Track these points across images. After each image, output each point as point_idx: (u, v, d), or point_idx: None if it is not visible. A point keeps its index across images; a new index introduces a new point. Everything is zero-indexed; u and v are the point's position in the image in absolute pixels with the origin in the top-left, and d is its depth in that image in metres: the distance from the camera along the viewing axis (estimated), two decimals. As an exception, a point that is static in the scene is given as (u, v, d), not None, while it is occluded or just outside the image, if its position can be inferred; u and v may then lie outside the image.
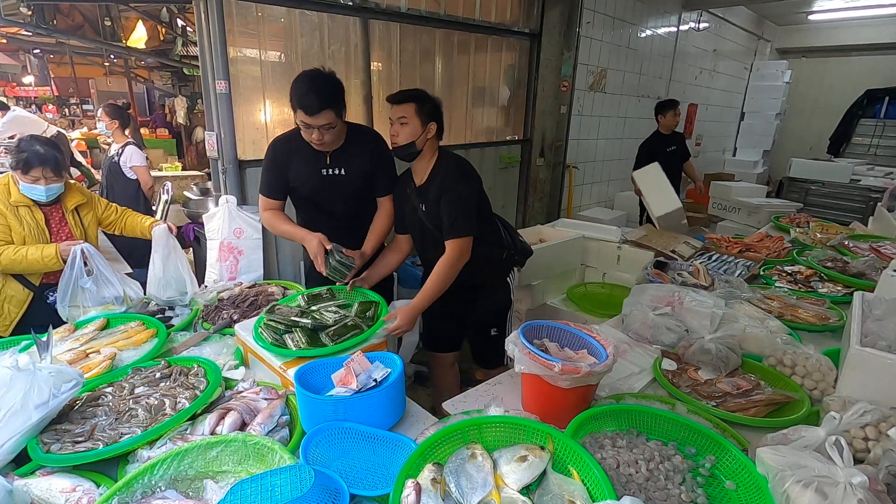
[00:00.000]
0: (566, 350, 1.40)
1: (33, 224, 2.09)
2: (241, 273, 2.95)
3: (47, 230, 2.13)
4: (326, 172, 1.98)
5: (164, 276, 2.04)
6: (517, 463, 1.02)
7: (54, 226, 2.17)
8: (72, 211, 2.20)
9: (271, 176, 2.02)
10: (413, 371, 3.39)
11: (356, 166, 2.00)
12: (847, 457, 0.95)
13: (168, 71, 9.43)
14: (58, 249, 2.02)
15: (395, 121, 1.87)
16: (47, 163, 2.03)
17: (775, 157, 8.88)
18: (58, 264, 2.03)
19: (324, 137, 1.84)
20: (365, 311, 1.71)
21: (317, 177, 1.98)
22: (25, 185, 2.03)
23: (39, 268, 2.06)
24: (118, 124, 3.87)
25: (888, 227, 3.19)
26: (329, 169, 1.98)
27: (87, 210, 2.26)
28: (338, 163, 1.98)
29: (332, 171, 1.98)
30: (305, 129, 1.84)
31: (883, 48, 8.01)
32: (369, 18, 3.45)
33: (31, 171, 2.01)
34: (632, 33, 5.44)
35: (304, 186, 2.01)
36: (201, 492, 1.05)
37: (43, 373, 1.18)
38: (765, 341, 1.68)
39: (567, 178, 5.20)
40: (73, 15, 6.00)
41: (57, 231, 2.17)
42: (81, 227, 2.22)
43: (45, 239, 2.12)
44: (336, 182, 2.00)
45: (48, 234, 2.13)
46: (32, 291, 2.15)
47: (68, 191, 2.19)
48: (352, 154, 2.00)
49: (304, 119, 1.79)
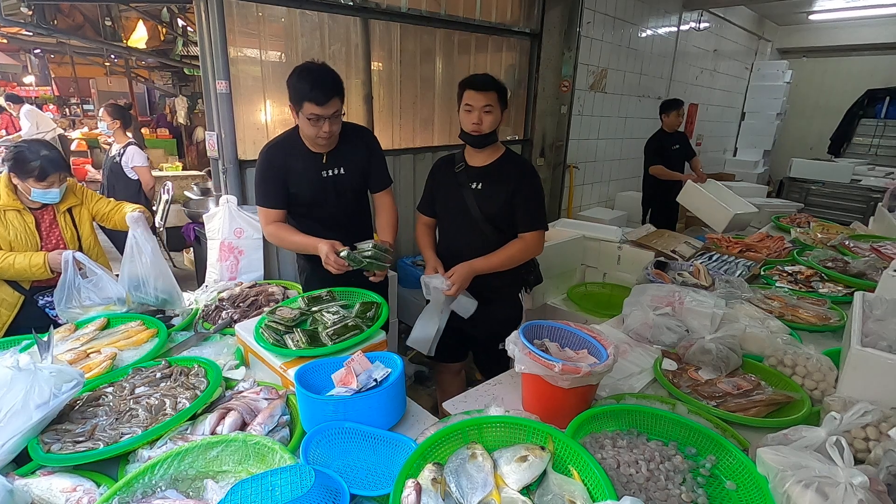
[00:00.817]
0: (566, 350, 1.40)
1: (21, 229, 2.06)
2: (242, 273, 2.95)
3: (37, 234, 2.10)
4: (326, 174, 1.94)
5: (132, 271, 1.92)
6: (517, 463, 1.02)
7: (45, 229, 2.14)
8: (64, 212, 2.17)
9: (270, 184, 1.93)
10: (413, 371, 3.39)
11: (354, 164, 1.98)
12: (847, 457, 0.95)
13: (168, 71, 9.45)
14: (46, 259, 2.00)
15: (477, 108, 1.84)
16: (60, 167, 2.05)
17: (776, 157, 8.87)
18: (45, 273, 2.01)
19: (332, 128, 1.80)
20: (366, 312, 1.70)
21: (317, 179, 1.93)
22: (39, 192, 2.03)
23: (27, 276, 2.04)
24: (120, 124, 3.87)
25: (889, 227, 3.18)
26: (328, 170, 1.94)
27: (80, 209, 2.23)
28: (336, 162, 1.95)
29: (332, 171, 1.95)
30: (314, 123, 1.78)
31: (884, 48, 8.00)
32: (370, 18, 3.45)
33: (48, 177, 2.01)
34: (632, 33, 5.44)
35: (304, 191, 1.95)
36: (202, 491, 1.06)
37: (44, 373, 1.18)
38: (765, 341, 1.68)
39: (567, 178, 5.20)
40: (73, 15, 6.00)
41: (47, 234, 2.14)
42: (73, 229, 2.19)
43: (35, 243, 2.09)
44: (337, 182, 1.97)
45: (38, 237, 2.10)
46: (23, 295, 2.13)
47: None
48: (347, 152, 1.97)
49: (315, 111, 1.74)
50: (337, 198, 1.99)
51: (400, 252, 4.06)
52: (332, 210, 2.01)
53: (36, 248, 2.09)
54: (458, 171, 2.01)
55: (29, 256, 2.00)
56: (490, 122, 1.85)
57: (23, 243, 2.06)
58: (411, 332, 2.05)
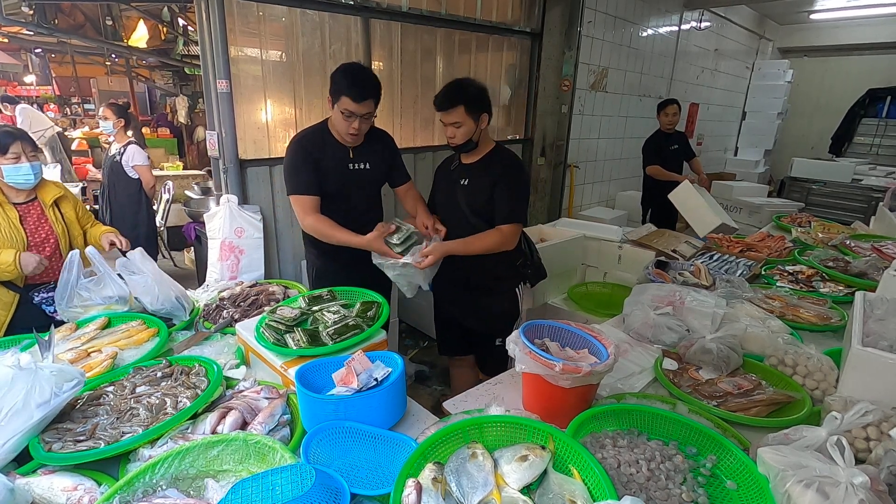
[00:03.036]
0: (567, 350, 1.40)
1: (5, 224, 2.01)
2: (242, 272, 2.96)
3: (23, 229, 2.05)
4: (353, 167, 2.07)
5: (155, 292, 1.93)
6: (518, 462, 1.02)
7: (32, 223, 2.09)
8: (51, 206, 2.14)
9: (304, 172, 1.98)
10: (414, 370, 3.39)
11: (377, 161, 2.12)
12: (848, 457, 0.95)
13: (169, 70, 9.45)
14: (17, 258, 1.95)
15: (448, 124, 1.93)
16: (21, 137, 2.00)
17: (777, 156, 8.87)
18: (15, 272, 1.96)
19: (362, 127, 1.92)
20: (366, 311, 1.71)
21: (345, 171, 2.06)
22: (10, 169, 1.96)
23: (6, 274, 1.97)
24: (123, 123, 3.87)
25: (890, 226, 3.18)
26: (354, 163, 2.07)
27: (67, 203, 2.21)
28: (361, 157, 2.08)
29: (357, 165, 2.08)
30: (346, 119, 1.90)
31: (885, 47, 7.99)
32: (370, 18, 3.45)
33: (10, 147, 1.95)
34: (633, 32, 5.43)
35: (332, 181, 2.05)
36: (202, 491, 1.06)
37: (44, 372, 1.18)
38: (766, 341, 1.67)
39: (568, 178, 5.20)
40: (74, 14, 6.01)
41: (35, 229, 2.09)
42: (63, 223, 2.16)
43: (21, 238, 2.04)
44: (361, 175, 2.10)
45: (24, 232, 2.05)
46: (18, 293, 2.09)
47: (44, 185, 2.14)
48: (371, 150, 2.11)
49: (350, 107, 1.86)
50: (359, 190, 2.12)
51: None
52: (353, 202, 2.12)
53: (21, 243, 2.04)
54: (452, 168, 2.13)
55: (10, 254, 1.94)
56: (462, 134, 1.94)
57: (6, 238, 2.01)
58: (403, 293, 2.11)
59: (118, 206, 3.97)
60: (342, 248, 2.00)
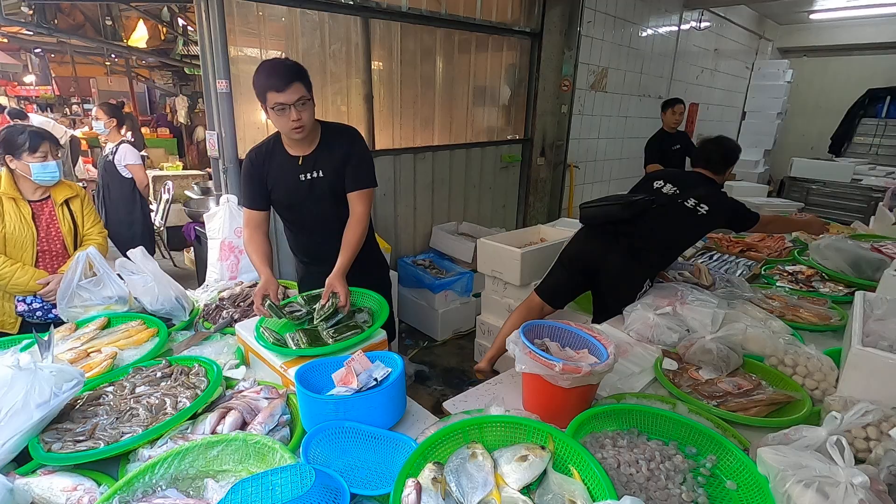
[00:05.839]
0: (567, 350, 1.40)
1: (17, 219, 2.07)
2: (242, 272, 2.95)
3: (34, 225, 2.12)
4: (304, 177, 1.91)
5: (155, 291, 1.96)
6: (518, 462, 1.02)
7: (44, 221, 2.16)
8: (61, 205, 2.19)
9: (249, 185, 1.94)
10: (414, 370, 3.39)
11: (334, 166, 1.92)
12: (848, 457, 0.95)
13: (169, 70, 9.45)
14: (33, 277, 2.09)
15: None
16: (48, 138, 2.09)
17: (776, 156, 8.86)
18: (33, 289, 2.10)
19: (302, 116, 1.74)
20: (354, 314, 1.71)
21: (294, 182, 1.91)
22: (38, 167, 2.05)
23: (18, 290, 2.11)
24: (116, 122, 3.87)
25: (890, 226, 3.18)
26: (305, 173, 1.91)
27: (78, 203, 2.26)
28: (314, 165, 1.90)
29: (308, 175, 1.91)
30: (281, 113, 1.72)
31: (884, 47, 7.99)
32: (370, 18, 3.45)
33: (40, 147, 2.04)
34: (633, 32, 5.43)
35: (281, 193, 1.94)
36: (202, 491, 1.06)
37: (44, 372, 1.18)
38: (766, 341, 1.67)
39: (568, 178, 5.20)
40: (73, 14, 6.00)
41: (46, 227, 2.16)
42: (71, 222, 2.22)
43: (31, 234, 2.11)
44: (314, 185, 1.92)
45: (35, 229, 2.12)
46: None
47: (57, 184, 2.18)
48: (327, 154, 1.92)
49: (278, 98, 1.69)
50: (314, 201, 1.95)
51: (400, 251, 4.06)
52: (308, 213, 1.99)
53: (31, 239, 2.11)
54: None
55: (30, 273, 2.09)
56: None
57: (18, 234, 2.07)
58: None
59: (112, 205, 3.96)
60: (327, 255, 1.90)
